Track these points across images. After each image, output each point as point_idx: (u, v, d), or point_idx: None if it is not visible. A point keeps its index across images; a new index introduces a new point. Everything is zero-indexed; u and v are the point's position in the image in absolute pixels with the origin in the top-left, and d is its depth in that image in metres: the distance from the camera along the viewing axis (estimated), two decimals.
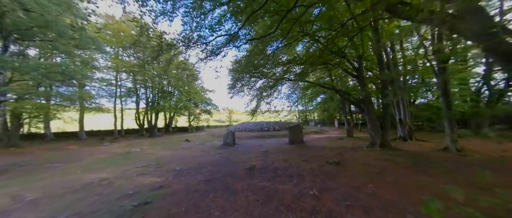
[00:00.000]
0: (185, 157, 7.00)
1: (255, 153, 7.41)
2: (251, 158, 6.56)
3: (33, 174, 5.20)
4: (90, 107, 17.19)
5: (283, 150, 8.00)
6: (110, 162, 6.63)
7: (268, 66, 8.93)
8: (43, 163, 6.89)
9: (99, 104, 17.70)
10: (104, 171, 5.28)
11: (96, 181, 4.32)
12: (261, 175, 4.47)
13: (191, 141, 12.19)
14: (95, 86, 17.73)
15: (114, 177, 4.64)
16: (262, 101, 10.68)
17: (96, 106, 17.49)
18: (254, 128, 15.74)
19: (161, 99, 18.86)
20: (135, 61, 15.24)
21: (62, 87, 15.76)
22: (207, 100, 23.06)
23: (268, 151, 7.82)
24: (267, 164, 5.61)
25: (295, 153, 7.14)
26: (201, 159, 6.51)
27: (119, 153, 8.72)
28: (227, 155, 7.12)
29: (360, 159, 5.83)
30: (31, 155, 9.06)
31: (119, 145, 11.85)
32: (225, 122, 38.39)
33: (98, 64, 16.10)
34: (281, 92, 11.43)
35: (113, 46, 15.46)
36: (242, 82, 9.92)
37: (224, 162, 5.96)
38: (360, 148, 7.60)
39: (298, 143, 9.49)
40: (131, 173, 4.98)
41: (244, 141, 11.55)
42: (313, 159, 5.99)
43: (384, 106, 7.36)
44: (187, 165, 5.73)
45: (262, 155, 6.96)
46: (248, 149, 8.40)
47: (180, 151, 8.64)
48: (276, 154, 7.16)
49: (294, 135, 9.63)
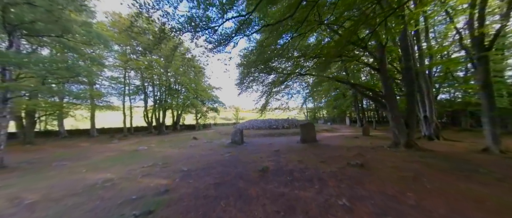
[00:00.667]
0: (193, 156, 6.68)
1: (266, 153, 6.95)
2: (262, 158, 6.11)
3: (40, 173, 5.07)
4: (100, 106, 17.46)
5: (296, 149, 7.48)
6: (117, 160, 6.44)
7: (279, 60, 8.37)
8: (52, 160, 6.83)
9: (109, 103, 17.96)
10: (109, 171, 5.05)
11: (100, 182, 4.05)
12: (276, 178, 4.00)
13: (198, 139, 11.95)
14: (105, 85, 18.05)
15: (119, 177, 4.36)
16: (272, 98, 10.14)
17: (106, 104, 17.77)
18: (262, 125, 15.26)
19: (169, 97, 18.84)
20: (141, 57, 15.14)
21: (73, 85, 16.23)
22: (214, 98, 22.84)
23: (280, 150, 7.33)
24: (281, 165, 5.13)
25: (310, 153, 6.60)
26: (209, 158, 6.15)
27: (127, 151, 8.60)
28: (236, 154, 6.71)
29: (386, 160, 5.19)
30: (43, 152, 9.18)
31: (127, 142, 11.85)
32: (232, 120, 38.26)
33: (107, 62, 16.27)
34: (292, 88, 10.85)
35: (121, 44, 15.48)
36: (251, 77, 9.43)
37: (234, 162, 5.55)
38: (381, 148, 6.91)
39: (311, 142, 8.91)
40: (137, 173, 4.70)
41: (252, 139, 11.13)
42: (331, 160, 5.43)
43: (410, 102, 6.60)
44: (195, 164, 5.38)
45: (274, 155, 6.49)
46: (258, 148, 7.96)
47: (188, 149, 8.36)
48: (289, 153, 6.66)
49: (307, 133, 9.05)
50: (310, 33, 7.11)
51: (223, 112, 44.10)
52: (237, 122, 30.90)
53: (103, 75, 17.23)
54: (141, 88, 18.56)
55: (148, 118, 18.72)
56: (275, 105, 10.97)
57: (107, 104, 17.83)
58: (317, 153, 6.59)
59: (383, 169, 4.42)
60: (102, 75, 17.25)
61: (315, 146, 8.03)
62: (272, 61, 8.15)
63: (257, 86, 10.25)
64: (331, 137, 11.29)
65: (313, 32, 7.02)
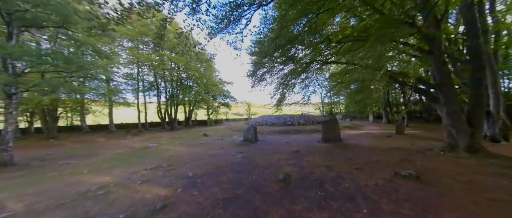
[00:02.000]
0: (201, 156, 5.99)
1: (284, 153, 5.99)
2: (280, 160, 5.17)
3: (43, 173, 4.76)
4: (118, 102, 17.93)
5: (318, 150, 6.38)
6: (123, 159, 6.02)
7: (298, 47, 7.18)
8: (64, 157, 6.69)
9: (125, 99, 18.39)
10: (110, 173, 4.54)
11: (94, 189, 3.48)
12: (303, 193, 3.04)
13: (209, 136, 11.40)
14: (121, 82, 18.47)
15: (116, 183, 3.78)
16: (289, 91, 9.00)
17: (122, 101, 18.22)
18: (277, 122, 14.24)
19: (181, 93, 18.67)
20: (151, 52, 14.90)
21: (92, 83, 16.82)
22: (225, 93, 22.28)
23: (300, 151, 6.31)
24: (305, 172, 4.14)
25: (337, 156, 5.48)
26: (219, 160, 5.39)
27: (136, 148, 8.30)
28: (250, 155, 5.85)
29: (448, 170, 3.90)
30: (61, 148, 9.35)
31: (140, 138, 11.78)
32: (244, 115, 37.73)
33: (121, 60, 16.47)
34: (313, 79, 9.45)
35: (131, 40, 15.39)
36: (265, 68, 8.37)
37: (248, 166, 4.70)
38: (431, 152, 5.50)
39: (335, 141, 7.71)
40: (137, 177, 4.09)
41: (266, 136, 10.21)
42: (369, 167, 4.29)
43: (476, 93, 5.03)
44: (202, 168, 4.65)
45: (294, 157, 5.50)
46: (274, 148, 7.02)
47: (197, 147, 7.76)
48: (312, 155, 5.61)
49: (329, 131, 7.84)
50: (340, 11, 5.79)
51: (235, 107, 43.85)
52: (249, 118, 30.23)
53: (119, 72, 17.67)
54: (154, 84, 18.64)
55: (161, 113, 18.85)
56: (293, 100, 9.78)
57: (124, 101, 18.33)
58: (346, 156, 5.44)
59: (454, 185, 3.18)
60: (117, 73, 17.71)
61: (341, 147, 6.84)
62: (290, 48, 6.99)
63: (272, 78, 9.16)
64: (356, 136, 9.88)
65: (342, 10, 5.68)
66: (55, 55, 4.89)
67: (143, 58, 14.01)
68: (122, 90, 17.99)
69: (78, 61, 5.39)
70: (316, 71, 8.59)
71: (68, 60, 5.10)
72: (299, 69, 8.03)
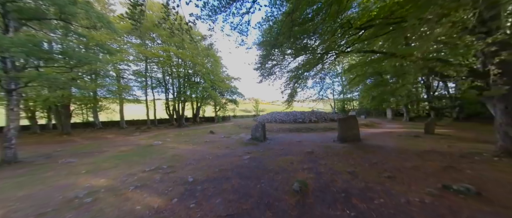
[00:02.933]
0: (205, 157, 5.50)
1: (297, 155, 5.31)
2: (293, 164, 4.51)
3: (41, 172, 4.55)
4: (128, 99, 18.19)
5: (336, 151, 5.61)
6: (125, 158, 5.72)
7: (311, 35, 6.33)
8: (68, 155, 6.58)
9: (136, 97, 18.62)
10: (107, 174, 4.19)
11: (82, 195, 3.09)
12: (326, 211, 2.38)
13: (215, 133, 10.98)
14: (131, 79, 18.70)
15: (108, 188, 3.37)
16: (302, 85, 8.17)
17: (132, 98, 18.47)
18: (286, 119, 13.47)
19: (188, 88, 18.48)
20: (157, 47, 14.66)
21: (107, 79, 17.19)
22: (232, 89, 21.79)
23: (314, 152, 5.59)
24: (325, 179, 3.45)
25: (360, 159, 4.69)
26: (224, 161, 4.86)
27: (142, 145, 8.07)
28: (259, 157, 5.25)
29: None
30: (71, 144, 9.43)
31: (147, 135, 11.69)
32: (252, 112, 37.22)
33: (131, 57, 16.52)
34: (326, 73, 8.48)
35: (139, 36, 15.29)
36: (274, 61, 7.62)
37: (256, 170, 4.10)
38: (480, 157, 4.51)
39: (353, 141, 6.85)
40: (132, 181, 3.67)
41: (276, 135, 9.55)
42: (404, 176, 3.49)
43: None
44: (205, 171, 4.13)
45: (308, 159, 4.81)
46: (285, 148, 6.35)
47: (202, 146, 7.32)
48: (329, 158, 4.87)
49: (347, 130, 6.99)
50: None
51: (242, 104, 43.50)
52: (257, 114, 29.65)
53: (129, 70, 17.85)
54: (161, 81, 18.63)
55: (169, 110, 18.87)
56: (305, 95, 8.93)
57: (134, 98, 18.58)
58: (371, 159, 4.64)
59: None
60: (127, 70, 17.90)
61: (361, 148, 5.99)
62: (303, 36, 6.18)
63: (281, 72, 8.39)
64: (376, 135, 8.87)
65: None
66: (50, 48, 4.57)
67: (149, 54, 13.87)
68: (132, 87, 18.25)
69: (74, 55, 5.06)
70: (331, 63, 7.65)
71: (63, 53, 4.79)
72: (313, 60, 7.17)
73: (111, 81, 16.80)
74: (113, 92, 16.74)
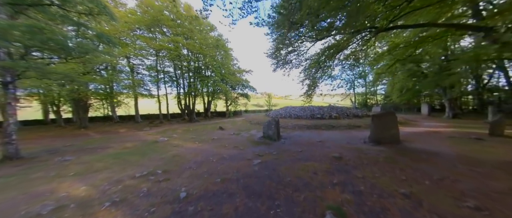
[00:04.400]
0: (209, 158, 4.68)
1: (320, 160, 4.19)
2: (317, 174, 3.43)
3: (32, 172, 4.18)
4: (142, 94, 18.46)
5: (372, 157, 4.34)
6: (123, 157, 5.19)
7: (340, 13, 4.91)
8: (72, 151, 6.34)
9: (150, 91, 18.82)
10: (91, 180, 3.58)
11: (45, 212, 2.43)
12: None
13: (225, 129, 10.23)
14: (145, 74, 18.92)
15: (80, 203, 2.69)
16: (324, 76, 6.81)
17: (147, 93, 18.72)
18: (302, 114, 12.13)
19: (198, 82, 18.02)
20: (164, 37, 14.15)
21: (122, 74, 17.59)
22: (244, 83, 20.82)
23: (343, 157, 4.39)
24: (369, 205, 2.33)
25: (413, 172, 3.39)
26: (229, 167, 3.96)
27: (147, 141, 7.63)
28: (272, 161, 4.25)
29: None
30: (83, 138, 9.48)
31: (156, 130, 11.44)
32: (264, 107, 36.11)
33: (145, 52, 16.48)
34: (358, 57, 6.83)
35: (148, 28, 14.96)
36: (291, 47, 6.36)
37: (268, 183, 3.12)
38: None
39: (391, 144, 5.44)
40: (113, 192, 2.96)
41: (291, 133, 8.41)
42: (496, 204, 2.19)
43: None
44: (204, 181, 3.28)
45: (337, 168, 3.67)
46: (304, 150, 5.24)
47: (209, 144, 6.55)
48: (366, 167, 3.67)
49: (383, 129, 5.57)
50: None
51: (255, 98, 42.54)
52: (270, 109, 28.45)
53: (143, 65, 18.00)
54: (173, 77, 18.43)
55: (181, 105, 18.74)
56: (325, 88, 7.53)
57: (149, 93, 18.82)
58: (429, 173, 3.32)
59: None
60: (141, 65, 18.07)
61: (406, 153, 4.60)
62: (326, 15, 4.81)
63: (299, 59, 7.09)
64: (417, 135, 7.20)
65: None
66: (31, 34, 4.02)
67: (157, 46, 13.48)
68: (146, 82, 18.45)
69: (58, 42, 4.48)
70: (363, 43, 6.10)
71: (45, 41, 4.24)
72: (341, 41, 5.76)
73: (125, 77, 17.09)
74: (127, 87, 17.07)
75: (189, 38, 14.95)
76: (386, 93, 22.16)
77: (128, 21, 13.22)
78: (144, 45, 13.72)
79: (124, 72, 17.46)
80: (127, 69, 18.03)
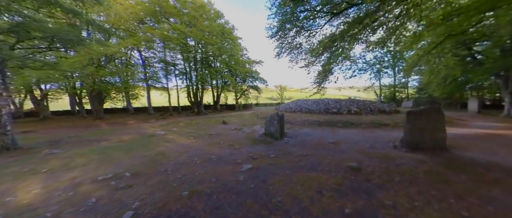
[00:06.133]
0: (193, 160, 3.98)
1: (329, 172, 3.14)
2: (321, 194, 2.45)
3: (13, 166, 4.02)
4: (154, 86, 18.88)
5: (406, 171, 3.12)
6: (109, 152, 4.84)
7: None
8: (71, 142, 6.32)
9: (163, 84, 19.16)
10: (56, 179, 3.16)
11: None
12: None
13: (228, 123, 9.55)
14: (158, 67, 19.25)
15: (16, 210, 2.17)
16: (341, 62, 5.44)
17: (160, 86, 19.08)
18: (315, 108, 10.75)
19: (207, 74, 17.58)
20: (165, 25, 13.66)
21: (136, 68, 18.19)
22: (254, 74, 19.74)
23: (363, 168, 3.26)
24: None
25: (482, 203, 2.14)
26: (208, 175, 3.20)
27: (145, 134, 7.36)
28: (265, 169, 3.34)
29: None
30: (92, 129, 9.76)
31: (160, 123, 11.35)
32: (277, 100, 34.71)
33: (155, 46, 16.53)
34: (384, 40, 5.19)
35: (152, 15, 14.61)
36: (299, 23, 5.09)
37: (249, 206, 2.25)
38: None
39: (434, 150, 4.03)
40: (59, 201, 2.43)
41: (299, 129, 7.30)
42: None
43: None
44: (168, 194, 2.56)
45: (352, 186, 2.62)
46: (310, 154, 4.20)
47: (202, 140, 5.90)
48: (398, 188, 2.53)
49: (423, 131, 4.16)
50: None
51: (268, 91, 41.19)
52: (282, 102, 27.05)
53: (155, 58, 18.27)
54: (182, 71, 18.31)
55: (190, 97, 18.71)
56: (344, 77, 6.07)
57: (161, 86, 19.18)
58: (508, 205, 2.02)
59: None
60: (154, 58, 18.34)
61: (460, 167, 3.24)
62: None
63: (309, 42, 5.79)
64: (470, 139, 5.48)
65: None
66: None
67: (159, 35, 13.08)
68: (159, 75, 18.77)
69: (47, 29, 4.08)
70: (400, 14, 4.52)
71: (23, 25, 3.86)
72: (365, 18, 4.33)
73: (139, 69, 17.52)
74: (140, 80, 17.57)
75: (193, 25, 14.29)
76: (420, 85, 18.92)
77: (134, 11, 13.06)
78: (149, 36, 13.49)
79: (135, 65, 17.93)
80: (137, 62, 18.54)
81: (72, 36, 5.21)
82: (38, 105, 15.03)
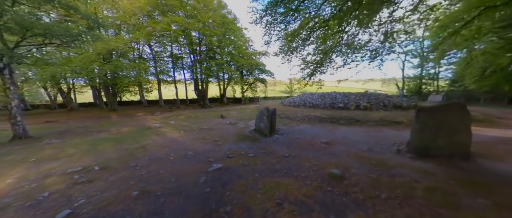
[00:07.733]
0: (168, 156, 3.89)
1: (305, 179, 2.73)
2: (281, 207, 2.05)
3: (13, 154, 4.35)
4: (164, 80, 19.56)
5: (404, 184, 2.57)
6: (99, 144, 5.03)
7: None
8: (77, 133, 6.79)
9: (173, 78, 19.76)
10: (36, 169, 3.33)
11: None
12: None
13: (225, 118, 9.39)
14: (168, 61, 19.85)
15: None
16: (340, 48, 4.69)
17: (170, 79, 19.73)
18: (320, 102, 9.95)
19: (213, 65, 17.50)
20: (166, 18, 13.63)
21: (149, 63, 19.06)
22: (260, 66, 19.09)
23: (347, 176, 2.77)
24: None
25: None
26: (174, 173, 3.05)
27: (142, 127, 7.59)
28: (232, 172, 3.07)
29: None
30: (102, 120, 10.47)
31: (163, 115, 11.71)
32: (287, 93, 33.61)
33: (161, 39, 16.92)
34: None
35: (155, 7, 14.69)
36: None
37: (189, 216, 1.97)
38: None
39: (451, 158, 3.26)
40: (21, 192, 2.49)
41: (295, 126, 6.77)
42: None
43: None
44: (120, 192, 2.48)
45: (325, 201, 2.22)
46: (293, 157, 3.78)
47: (191, 135, 5.82)
48: (385, 208, 2.00)
49: (437, 132, 3.38)
50: None
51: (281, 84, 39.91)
52: (290, 95, 26.04)
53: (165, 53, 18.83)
54: (188, 61, 18.54)
55: (197, 90, 19.01)
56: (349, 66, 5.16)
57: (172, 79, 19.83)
58: None
59: None
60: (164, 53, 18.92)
61: (486, 189, 2.50)
62: None
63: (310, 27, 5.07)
64: (511, 144, 4.41)
65: None
66: None
67: (156, 25, 13.06)
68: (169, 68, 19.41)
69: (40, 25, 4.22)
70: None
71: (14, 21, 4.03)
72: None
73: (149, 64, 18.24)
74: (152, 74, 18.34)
75: (193, 16, 14.05)
76: (454, 76, 16.33)
77: (139, 5, 13.30)
78: (150, 29, 13.66)
79: (147, 60, 18.70)
80: (148, 56, 19.28)
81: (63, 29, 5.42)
82: (65, 98, 16.76)
